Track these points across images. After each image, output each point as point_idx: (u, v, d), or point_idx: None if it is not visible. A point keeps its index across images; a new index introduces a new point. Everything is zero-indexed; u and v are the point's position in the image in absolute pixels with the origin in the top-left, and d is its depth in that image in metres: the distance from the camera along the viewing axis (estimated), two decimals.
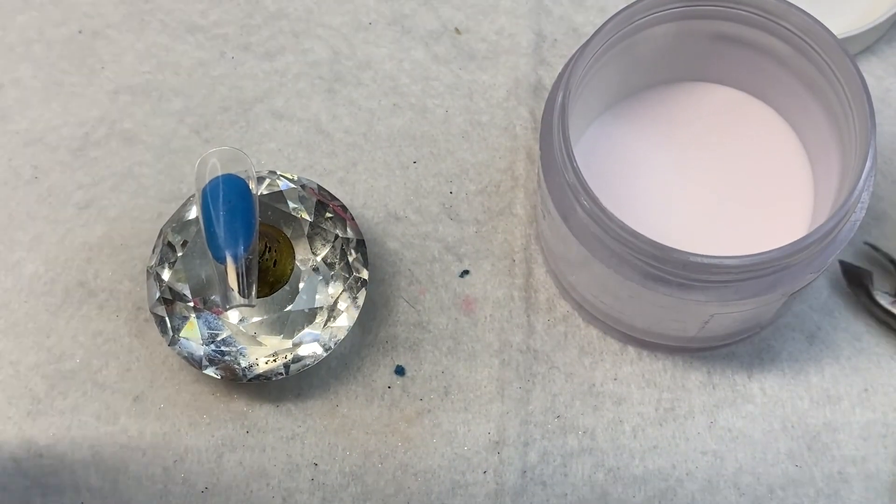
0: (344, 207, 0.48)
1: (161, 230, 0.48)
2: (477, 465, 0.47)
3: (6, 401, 0.48)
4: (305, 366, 0.45)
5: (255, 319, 0.45)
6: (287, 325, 0.45)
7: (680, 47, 0.45)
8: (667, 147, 0.47)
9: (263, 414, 0.48)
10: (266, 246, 0.45)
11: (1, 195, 0.52)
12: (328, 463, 0.47)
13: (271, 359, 0.45)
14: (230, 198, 0.42)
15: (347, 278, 0.46)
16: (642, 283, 0.40)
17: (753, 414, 0.47)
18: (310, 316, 0.46)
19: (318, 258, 0.46)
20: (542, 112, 0.43)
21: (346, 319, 0.46)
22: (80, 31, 0.56)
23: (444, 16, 0.56)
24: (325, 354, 0.46)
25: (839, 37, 0.42)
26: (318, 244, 0.47)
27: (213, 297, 0.46)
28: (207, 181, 0.42)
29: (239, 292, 0.41)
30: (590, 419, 0.47)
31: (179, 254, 0.46)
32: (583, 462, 0.47)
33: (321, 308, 0.46)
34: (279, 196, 0.47)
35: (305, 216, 0.47)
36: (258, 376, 0.45)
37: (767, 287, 0.39)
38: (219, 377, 0.45)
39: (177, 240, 0.47)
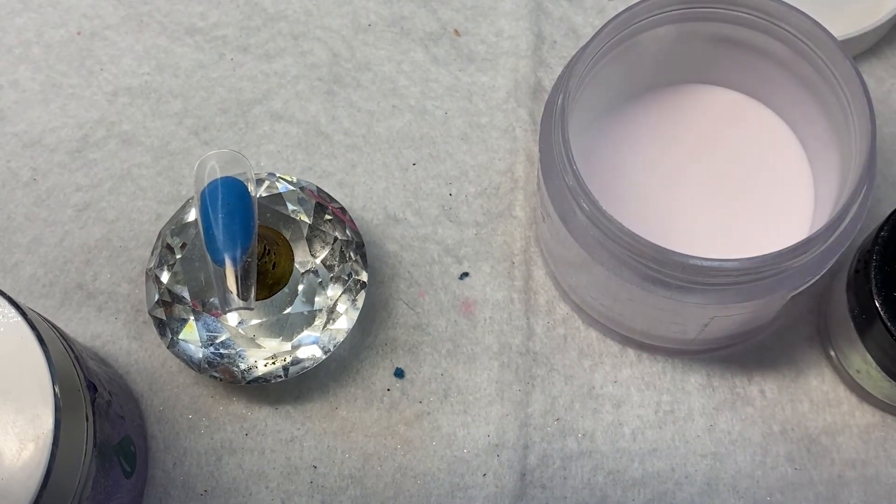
0: (343, 209, 0.48)
1: (160, 232, 0.48)
2: (476, 468, 0.47)
3: None
4: (304, 368, 0.45)
5: (254, 322, 0.45)
6: (286, 328, 0.45)
7: (680, 49, 0.45)
8: (667, 149, 0.47)
9: (262, 416, 0.48)
10: (265, 248, 0.44)
11: None
12: (327, 465, 0.47)
13: (270, 361, 0.45)
14: (229, 200, 0.42)
15: (346, 280, 0.46)
16: (642, 285, 0.40)
17: (753, 417, 0.47)
18: (309, 318, 0.46)
19: (318, 260, 0.46)
20: (541, 114, 0.43)
21: (345, 322, 0.46)
22: (78, 33, 0.56)
23: (444, 17, 0.56)
24: (324, 357, 0.46)
25: (840, 39, 0.42)
26: (317, 246, 0.47)
27: (212, 300, 0.46)
28: (206, 183, 0.42)
29: (238, 295, 0.41)
30: (589, 422, 0.47)
31: (178, 256, 0.46)
32: (582, 465, 0.47)
33: (320, 310, 0.46)
34: (278, 198, 0.47)
35: (304, 218, 0.47)
36: (257, 379, 0.45)
37: (767, 289, 0.39)
38: (218, 380, 0.45)
39: (176, 242, 0.47)
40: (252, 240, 0.42)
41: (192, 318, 0.46)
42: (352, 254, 0.47)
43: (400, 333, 0.49)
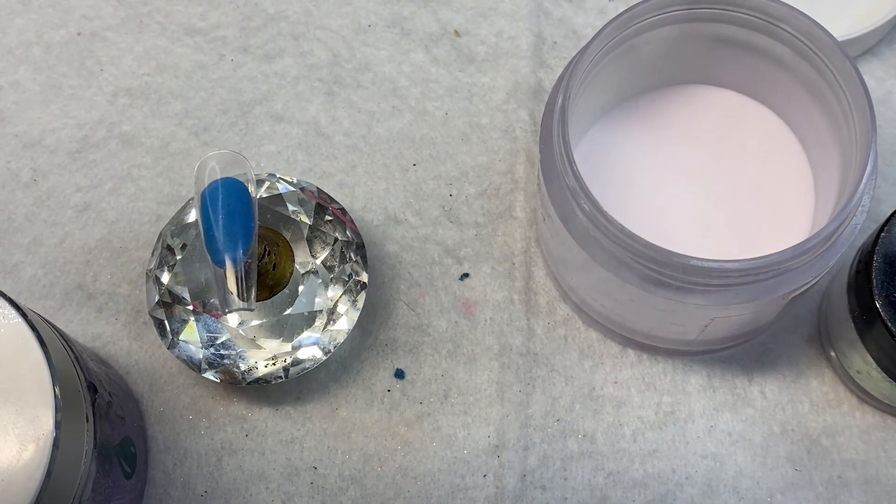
0: (343, 210, 0.48)
1: (160, 233, 0.48)
2: (476, 469, 0.47)
3: None
4: (305, 369, 0.45)
5: (255, 323, 0.45)
6: (286, 329, 0.45)
7: (680, 50, 0.45)
8: (667, 150, 0.47)
9: (263, 417, 0.48)
10: (265, 249, 0.44)
11: None
12: (327, 466, 0.47)
13: (271, 362, 0.45)
14: (229, 201, 0.42)
15: (347, 281, 0.46)
16: (642, 286, 0.40)
17: (753, 417, 0.47)
18: (309, 319, 0.46)
19: (318, 261, 0.46)
20: (542, 115, 0.43)
21: (345, 323, 0.46)
22: (78, 34, 0.56)
23: (444, 18, 0.56)
24: (324, 358, 0.46)
25: (840, 39, 0.42)
26: (317, 247, 0.47)
27: (212, 301, 0.46)
28: (206, 184, 0.42)
29: (238, 296, 0.41)
30: (590, 422, 0.47)
31: (179, 257, 0.46)
32: (583, 466, 0.47)
33: (320, 311, 0.46)
34: (278, 199, 0.47)
35: (305, 219, 0.47)
36: (257, 380, 0.45)
37: (768, 290, 0.39)
38: (218, 381, 0.45)
39: (176, 243, 0.47)
40: (252, 241, 0.42)
41: (192, 318, 0.46)
42: (352, 254, 0.47)
43: (400, 334, 0.49)
